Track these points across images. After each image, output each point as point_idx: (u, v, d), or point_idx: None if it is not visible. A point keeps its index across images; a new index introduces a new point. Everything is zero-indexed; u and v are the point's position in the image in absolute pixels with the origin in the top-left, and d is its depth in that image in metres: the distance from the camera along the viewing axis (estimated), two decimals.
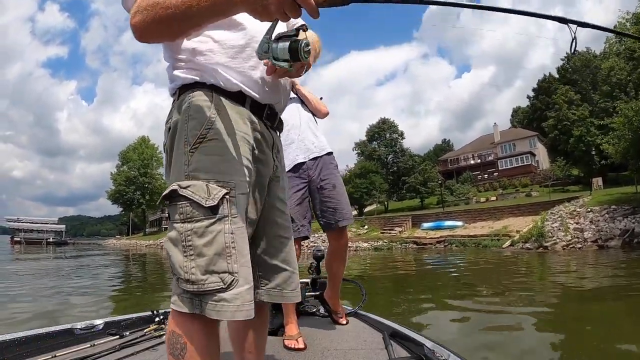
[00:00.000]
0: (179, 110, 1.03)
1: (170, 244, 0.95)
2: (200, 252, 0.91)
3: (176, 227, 0.94)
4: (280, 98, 1.17)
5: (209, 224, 0.92)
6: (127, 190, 54.35)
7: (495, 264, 12.04)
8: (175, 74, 1.07)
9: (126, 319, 2.28)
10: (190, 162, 0.97)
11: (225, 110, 1.02)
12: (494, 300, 6.56)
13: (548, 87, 49.73)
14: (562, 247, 14.19)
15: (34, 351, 1.74)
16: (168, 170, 1.05)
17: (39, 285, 9.66)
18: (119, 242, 54.62)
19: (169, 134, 1.05)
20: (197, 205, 0.92)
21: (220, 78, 1.02)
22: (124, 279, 12.00)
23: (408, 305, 6.77)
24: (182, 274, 0.91)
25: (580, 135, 34.42)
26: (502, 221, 21.79)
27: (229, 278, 0.90)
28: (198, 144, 0.97)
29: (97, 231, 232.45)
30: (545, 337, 4.38)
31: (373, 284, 9.30)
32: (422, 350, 1.60)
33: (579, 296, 6.65)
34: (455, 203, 35.91)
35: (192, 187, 0.94)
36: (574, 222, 15.47)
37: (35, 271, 13.90)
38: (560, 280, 8.51)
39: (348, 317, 2.50)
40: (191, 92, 1.02)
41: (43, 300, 7.23)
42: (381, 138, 49.24)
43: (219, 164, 0.97)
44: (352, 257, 18.75)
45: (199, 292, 0.90)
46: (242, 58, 1.06)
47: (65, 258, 22.96)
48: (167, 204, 0.98)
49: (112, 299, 7.82)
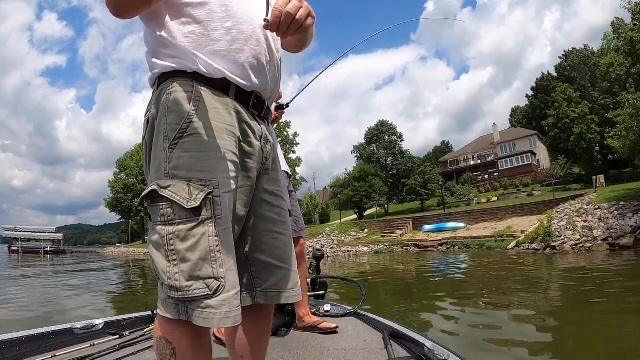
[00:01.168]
0: (158, 102, 0.97)
1: (152, 248, 0.90)
2: (184, 257, 0.86)
3: (158, 230, 0.89)
4: (267, 84, 1.08)
5: (192, 227, 0.87)
6: (125, 198, 54.17)
7: (500, 267, 11.50)
8: (154, 61, 1.00)
9: (126, 318, 2.27)
10: (170, 159, 0.91)
11: (207, 101, 0.95)
12: (497, 304, 6.23)
13: (547, 85, 49.68)
14: (571, 246, 13.62)
15: (34, 351, 1.73)
16: (147, 167, 0.98)
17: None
18: (117, 250, 54.35)
19: (148, 128, 0.99)
20: (179, 207, 0.87)
21: (202, 64, 0.96)
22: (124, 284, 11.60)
23: (409, 309, 6.51)
24: (165, 279, 0.87)
25: (581, 133, 34.22)
26: (506, 221, 21.31)
27: (214, 284, 0.86)
28: (178, 139, 0.91)
29: (97, 239, 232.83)
30: (547, 340, 4.24)
31: (374, 289, 8.92)
32: (422, 350, 1.58)
33: (586, 301, 6.27)
34: (456, 204, 35.49)
35: (173, 187, 0.88)
36: (582, 220, 14.90)
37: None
38: (571, 284, 8.04)
39: (349, 317, 2.50)
40: (170, 81, 0.96)
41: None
42: (380, 141, 48.95)
43: (200, 160, 0.90)
44: (352, 261, 18.34)
45: (184, 299, 0.86)
46: (227, 41, 0.98)
47: (62, 266, 22.43)
48: (147, 205, 0.92)
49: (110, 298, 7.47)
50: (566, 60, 48.85)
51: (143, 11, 0.96)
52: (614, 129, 20.03)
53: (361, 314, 2.53)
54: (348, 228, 30.81)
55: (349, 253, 23.11)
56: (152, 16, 1.00)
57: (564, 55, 49.93)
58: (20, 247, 53.56)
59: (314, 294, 2.77)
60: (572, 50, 49.25)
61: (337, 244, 26.20)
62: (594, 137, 33.91)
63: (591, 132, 34.11)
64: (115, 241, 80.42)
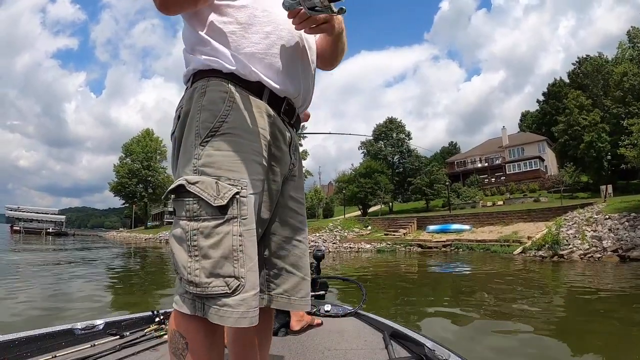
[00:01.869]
0: (191, 98, 0.97)
1: (174, 242, 0.90)
2: (206, 253, 0.87)
3: (181, 225, 0.90)
4: (300, 91, 1.09)
5: (217, 225, 0.88)
6: (130, 182, 54.33)
7: (505, 273, 11.29)
8: (191, 57, 1.01)
9: (127, 319, 2.26)
10: (201, 156, 0.92)
11: (241, 102, 0.96)
12: (500, 309, 6.03)
13: (558, 91, 49.34)
14: (579, 256, 13.35)
15: (34, 351, 1.72)
16: (175, 161, 1.00)
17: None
18: (119, 235, 54.68)
19: (179, 123, 0.99)
20: (205, 204, 0.88)
21: (239, 65, 0.97)
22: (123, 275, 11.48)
23: (410, 311, 6.34)
24: (185, 274, 0.87)
25: (591, 141, 33.87)
26: (512, 226, 21.02)
27: (234, 283, 0.87)
28: (210, 138, 0.92)
29: (101, 223, 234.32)
30: (550, 344, 4.10)
31: (375, 288, 8.73)
32: (422, 350, 1.57)
33: (594, 310, 6.07)
34: (462, 206, 35.21)
35: (201, 183, 0.89)
36: (591, 230, 14.59)
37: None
38: (578, 292, 7.84)
39: (349, 317, 2.50)
40: (206, 79, 0.97)
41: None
42: (388, 138, 48.73)
43: (231, 160, 0.92)
44: (354, 259, 18.22)
45: (202, 295, 0.86)
46: (266, 44, 1.00)
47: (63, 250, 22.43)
48: (172, 199, 0.92)
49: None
50: (579, 67, 48.42)
51: (189, 9, 0.97)
52: (629, 137, 19.66)
53: (361, 314, 2.52)
54: (351, 224, 30.61)
55: (351, 250, 22.96)
56: (194, 14, 1.00)
57: (578, 61, 49.52)
58: (23, 227, 54.10)
59: (315, 294, 2.75)
60: (586, 57, 48.80)
61: (339, 239, 26.02)
62: (604, 146, 33.59)
63: (601, 140, 33.77)
64: (118, 225, 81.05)
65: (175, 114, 1.02)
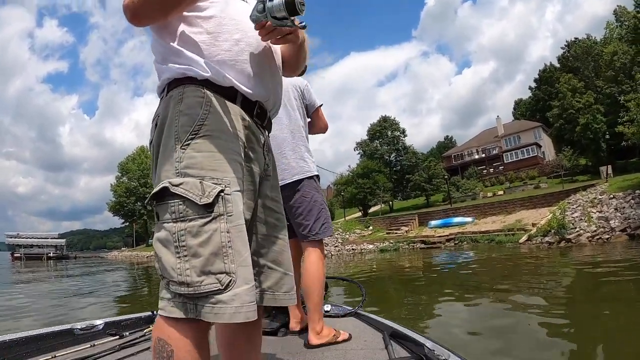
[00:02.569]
0: (168, 106, 0.99)
1: (160, 246, 0.90)
2: (196, 252, 0.86)
3: (166, 227, 0.89)
4: (270, 95, 1.12)
5: (204, 223, 0.88)
6: (128, 201, 54.07)
7: (513, 263, 10.96)
8: (164, 67, 1.03)
9: (126, 319, 2.25)
10: (182, 159, 0.92)
11: (217, 106, 0.98)
12: (507, 303, 5.68)
13: (550, 76, 49.23)
14: (587, 238, 12.99)
15: (34, 351, 1.72)
16: (154, 169, 1.00)
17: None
18: (120, 254, 54.27)
19: (156, 131, 1.01)
20: (191, 204, 0.88)
21: (213, 72, 0.99)
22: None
23: (415, 312, 6.08)
24: (174, 276, 0.86)
25: (586, 123, 33.70)
26: (515, 214, 20.74)
27: (226, 279, 0.86)
28: (190, 140, 0.93)
29: (103, 244, 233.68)
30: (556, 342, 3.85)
31: (379, 289, 8.37)
32: (422, 350, 1.56)
33: (608, 297, 5.73)
34: (462, 199, 34.91)
35: (185, 184, 0.89)
36: (597, 211, 14.27)
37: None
38: (591, 279, 7.51)
39: (349, 317, 2.50)
40: (182, 87, 0.99)
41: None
42: (383, 136, 48.47)
43: (212, 160, 0.93)
44: (357, 260, 17.91)
45: (195, 294, 0.85)
46: (236, 51, 1.03)
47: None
48: (155, 204, 0.93)
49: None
50: (569, 51, 48.36)
51: (159, 21, 1.01)
52: (628, 114, 19.25)
53: (361, 314, 2.52)
54: (352, 226, 30.33)
55: (354, 251, 22.63)
56: (163, 26, 1.02)
57: (567, 45, 49.46)
58: (23, 253, 53.55)
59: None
60: (575, 40, 48.75)
61: (341, 242, 25.73)
62: (600, 127, 33.41)
63: (597, 122, 33.62)
64: (120, 245, 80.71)
65: (152, 124, 1.03)
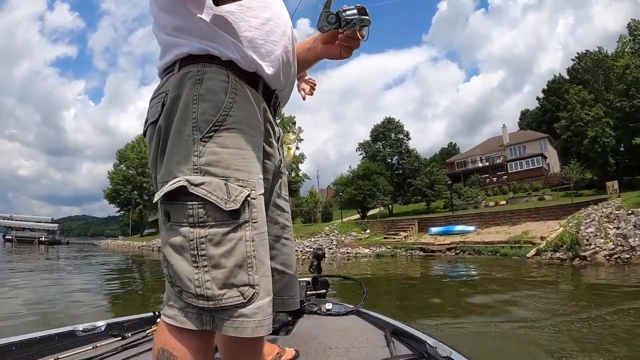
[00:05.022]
0: (182, 84, 0.84)
1: (172, 252, 0.80)
2: (218, 263, 0.78)
3: (182, 232, 0.79)
4: (287, 85, 1.04)
5: (228, 231, 0.79)
6: (124, 189, 53.45)
7: (523, 280, 10.10)
8: (175, 40, 0.87)
9: (128, 320, 2.17)
10: (203, 154, 0.80)
11: (242, 93, 0.87)
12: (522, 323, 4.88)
13: (558, 88, 48.68)
14: (604, 257, 12.07)
15: (36, 354, 1.67)
16: (159, 156, 0.85)
17: None
18: (113, 243, 53.72)
19: (164, 111, 0.84)
20: (214, 208, 0.78)
21: (239, 53, 0.87)
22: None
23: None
24: (191, 287, 0.78)
25: (595, 136, 32.94)
26: (520, 226, 19.85)
27: (249, 291, 0.79)
28: (212, 132, 0.81)
29: (101, 231, 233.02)
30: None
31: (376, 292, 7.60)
32: (424, 347, 1.54)
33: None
34: (464, 207, 34.08)
35: (207, 185, 0.79)
36: (614, 227, 13.42)
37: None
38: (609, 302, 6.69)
39: (350, 315, 2.44)
40: (201, 65, 0.85)
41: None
42: (386, 138, 47.73)
43: (238, 158, 0.83)
44: (352, 264, 17.19)
45: (215, 308, 0.78)
46: (265, 31, 0.92)
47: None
48: (165, 202, 0.81)
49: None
50: (579, 63, 47.76)
51: None
52: None
53: (362, 312, 2.48)
54: (349, 228, 29.52)
55: (348, 255, 21.81)
56: None
57: (577, 57, 48.82)
58: (15, 236, 53.02)
59: (316, 293, 2.76)
60: (586, 52, 48.10)
61: (335, 244, 24.93)
62: (609, 141, 32.66)
63: (606, 135, 32.85)
64: (118, 233, 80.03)
65: (156, 102, 0.86)
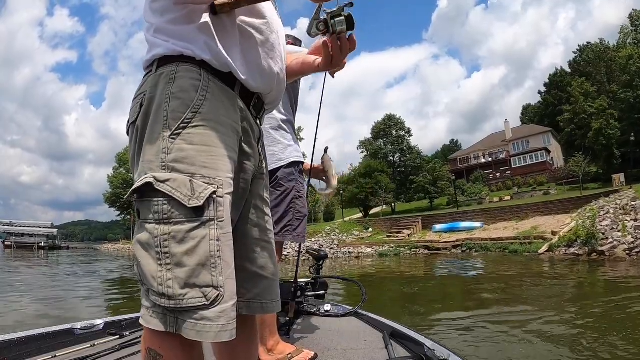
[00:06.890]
0: (157, 85, 0.85)
1: (140, 248, 0.79)
2: (180, 261, 0.76)
3: (148, 229, 0.78)
4: (272, 88, 1.02)
5: (191, 228, 0.77)
6: (124, 193, 52.87)
7: (543, 280, 9.45)
8: (156, 40, 0.89)
9: (126, 319, 2.21)
10: (170, 150, 0.81)
11: (215, 92, 0.86)
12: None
13: (560, 81, 48.12)
14: (624, 251, 11.46)
15: (34, 351, 1.70)
16: (136, 155, 0.87)
17: None
18: (113, 247, 53.33)
19: (142, 111, 0.86)
20: (178, 205, 0.77)
21: (213, 54, 0.87)
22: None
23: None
24: (155, 285, 0.76)
25: (600, 128, 32.37)
26: (528, 221, 19.22)
27: (213, 293, 0.77)
28: (181, 129, 0.81)
29: (104, 236, 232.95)
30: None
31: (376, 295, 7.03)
32: (422, 349, 1.54)
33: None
34: (467, 203, 33.51)
35: (172, 181, 0.78)
36: (631, 219, 12.80)
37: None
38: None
39: (349, 317, 2.46)
40: (175, 65, 0.86)
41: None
42: (387, 136, 47.15)
43: (205, 155, 0.82)
44: (354, 264, 16.72)
45: (176, 308, 0.76)
46: (246, 37, 0.93)
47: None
48: (136, 199, 0.81)
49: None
50: (581, 55, 47.15)
51: None
52: None
53: (361, 313, 2.46)
54: (350, 227, 28.96)
55: (350, 255, 21.24)
56: None
57: (579, 50, 48.20)
58: (14, 242, 52.63)
59: (314, 294, 2.75)
60: (587, 44, 47.51)
61: (337, 244, 24.39)
62: (614, 133, 32.08)
63: (611, 127, 32.27)
64: (121, 238, 79.79)
65: (136, 102, 0.88)
